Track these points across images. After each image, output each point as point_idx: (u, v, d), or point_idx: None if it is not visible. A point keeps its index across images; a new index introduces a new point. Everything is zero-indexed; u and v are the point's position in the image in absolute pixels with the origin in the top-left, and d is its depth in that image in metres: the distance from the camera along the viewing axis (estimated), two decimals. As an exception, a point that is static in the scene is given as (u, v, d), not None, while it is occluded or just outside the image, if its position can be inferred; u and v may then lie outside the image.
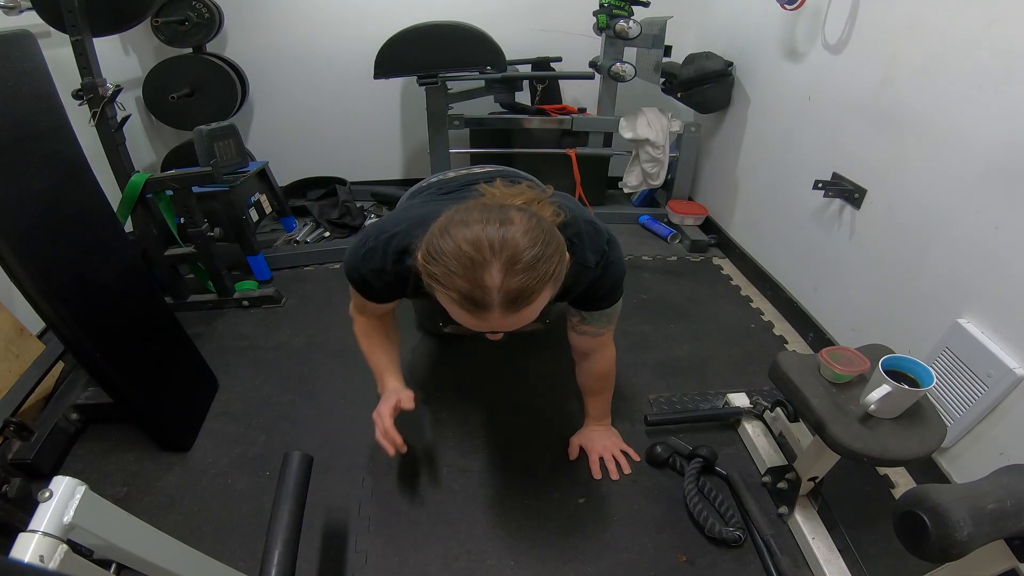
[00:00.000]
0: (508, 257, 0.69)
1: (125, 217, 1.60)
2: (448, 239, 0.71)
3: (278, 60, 2.35)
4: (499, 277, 0.68)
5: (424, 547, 1.09)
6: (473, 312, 0.72)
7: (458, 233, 0.71)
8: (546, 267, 0.71)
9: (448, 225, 0.73)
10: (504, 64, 1.95)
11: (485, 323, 0.74)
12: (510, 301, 0.70)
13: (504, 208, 0.75)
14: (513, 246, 0.69)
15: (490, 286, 0.69)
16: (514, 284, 0.69)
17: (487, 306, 0.70)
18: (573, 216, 0.92)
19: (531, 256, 0.70)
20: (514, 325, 0.76)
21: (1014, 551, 0.72)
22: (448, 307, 0.75)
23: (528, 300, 0.71)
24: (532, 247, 0.70)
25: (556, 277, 0.75)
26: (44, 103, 1.14)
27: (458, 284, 0.69)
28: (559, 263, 0.75)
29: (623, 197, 2.57)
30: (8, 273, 1.00)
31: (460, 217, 0.73)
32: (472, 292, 0.69)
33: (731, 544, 1.09)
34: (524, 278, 0.69)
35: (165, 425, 1.28)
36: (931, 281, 1.25)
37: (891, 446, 0.88)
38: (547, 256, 0.72)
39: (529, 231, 0.71)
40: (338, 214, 2.32)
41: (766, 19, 1.86)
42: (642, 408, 1.43)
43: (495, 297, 0.69)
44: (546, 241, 0.72)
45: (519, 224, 0.71)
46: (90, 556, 0.61)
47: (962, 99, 1.15)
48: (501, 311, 0.71)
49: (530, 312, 0.74)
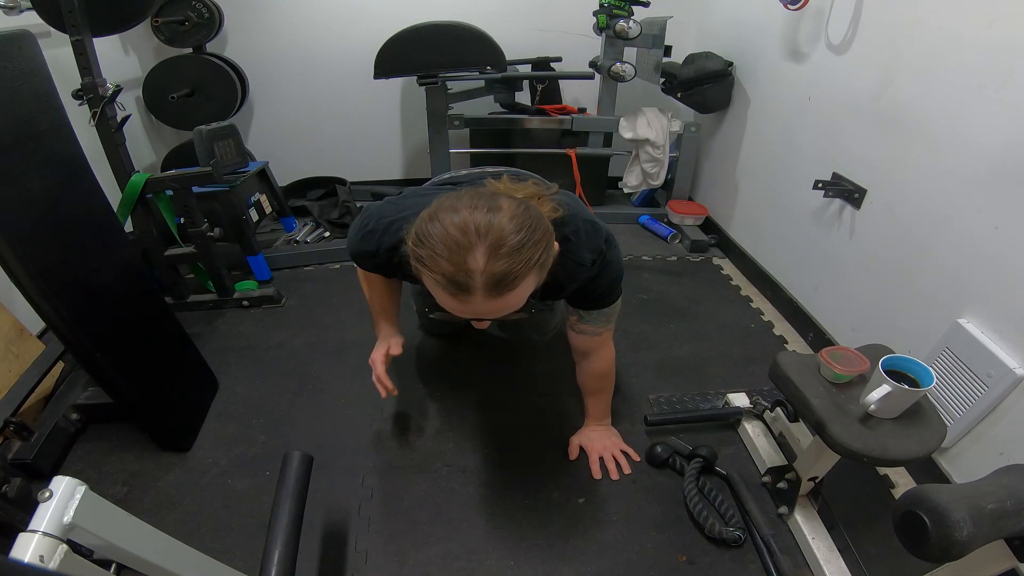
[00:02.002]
0: (493, 241, 0.70)
1: (125, 217, 1.60)
2: (436, 223, 0.72)
3: (278, 60, 2.35)
4: (483, 261, 0.69)
5: (424, 547, 1.09)
6: (456, 295, 0.73)
7: (446, 218, 0.72)
8: (531, 253, 0.72)
9: (438, 210, 0.74)
10: (504, 64, 1.95)
11: (468, 307, 0.74)
12: (493, 285, 0.71)
13: (494, 196, 0.76)
14: (499, 231, 0.70)
15: (474, 269, 0.70)
16: (498, 268, 0.70)
17: (470, 289, 0.71)
18: (572, 213, 0.92)
19: (516, 241, 0.71)
20: (498, 312, 0.76)
21: (1014, 551, 0.72)
22: (434, 291, 0.76)
23: (511, 285, 0.72)
24: (517, 232, 0.71)
25: (541, 264, 0.75)
26: (44, 103, 1.14)
27: (443, 267, 0.71)
28: (545, 251, 0.75)
29: (623, 197, 2.57)
30: (8, 273, 1.00)
31: (450, 203, 0.74)
32: (456, 275, 0.70)
33: (731, 544, 1.09)
34: (508, 262, 0.70)
35: (165, 425, 1.28)
36: (931, 281, 1.25)
37: (891, 446, 0.88)
38: (532, 242, 0.72)
39: (515, 217, 0.72)
40: (338, 214, 2.32)
41: (767, 19, 1.86)
42: (642, 408, 1.43)
43: (478, 280, 0.70)
44: (532, 227, 0.73)
45: (506, 210, 0.73)
46: (90, 556, 0.61)
47: (963, 99, 1.15)
48: (484, 295, 0.72)
49: (514, 298, 0.74)
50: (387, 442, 1.33)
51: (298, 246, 2.17)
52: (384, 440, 1.33)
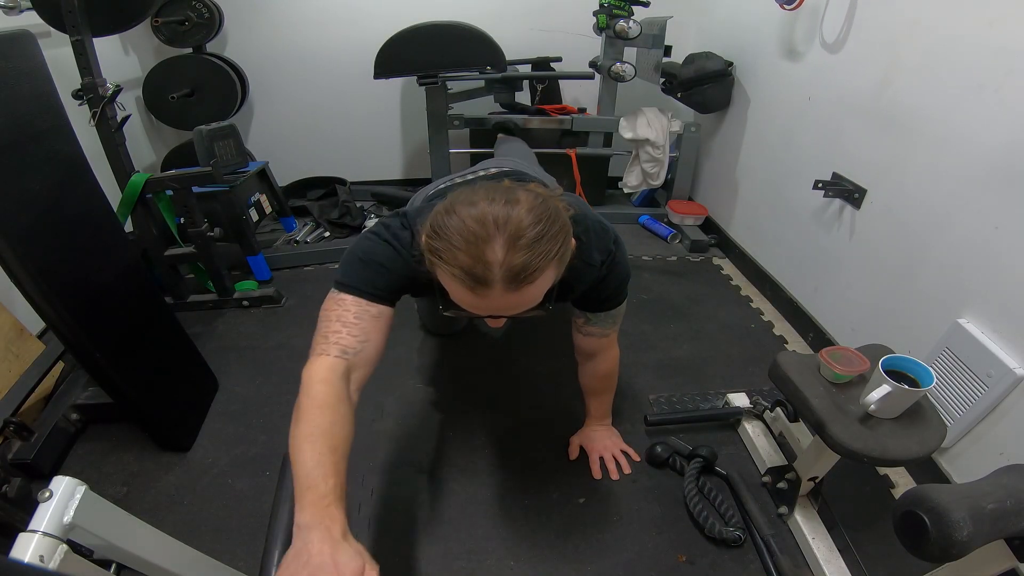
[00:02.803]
0: (512, 233, 0.68)
1: (125, 217, 1.60)
2: (454, 216, 0.71)
3: (278, 60, 2.35)
4: (501, 253, 0.68)
5: (424, 547, 1.09)
6: (474, 289, 0.71)
7: (463, 211, 0.70)
8: (550, 245, 0.71)
9: (454, 203, 0.73)
10: (504, 64, 1.95)
11: (486, 302, 0.72)
12: (512, 277, 0.69)
13: (511, 188, 0.75)
14: (517, 222, 0.69)
15: (492, 261, 0.68)
16: (517, 260, 0.68)
17: (488, 282, 0.69)
18: (582, 214, 0.91)
19: (535, 233, 0.69)
20: (516, 307, 0.75)
21: (1014, 551, 0.72)
22: (449, 286, 0.74)
23: (530, 278, 0.70)
24: (536, 224, 0.70)
25: (560, 257, 0.74)
26: (44, 103, 1.14)
27: (460, 259, 0.69)
28: (564, 243, 0.74)
29: (623, 197, 2.57)
30: (8, 273, 1.00)
31: (466, 196, 0.73)
32: (474, 267, 0.68)
33: (731, 544, 1.09)
34: (527, 255, 0.69)
35: (165, 425, 1.28)
36: (931, 281, 1.25)
37: (891, 446, 0.88)
38: (551, 235, 0.71)
39: (533, 209, 0.71)
40: (338, 214, 2.32)
41: (765, 19, 1.86)
42: (642, 408, 1.43)
43: (497, 273, 0.69)
44: (551, 219, 0.72)
45: (524, 203, 0.71)
46: (90, 556, 0.61)
47: (962, 99, 1.15)
48: (503, 288, 0.70)
49: (532, 292, 0.73)
50: (387, 442, 1.33)
51: (298, 246, 2.17)
52: (384, 440, 1.33)
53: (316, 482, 0.66)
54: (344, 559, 0.59)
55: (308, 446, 0.71)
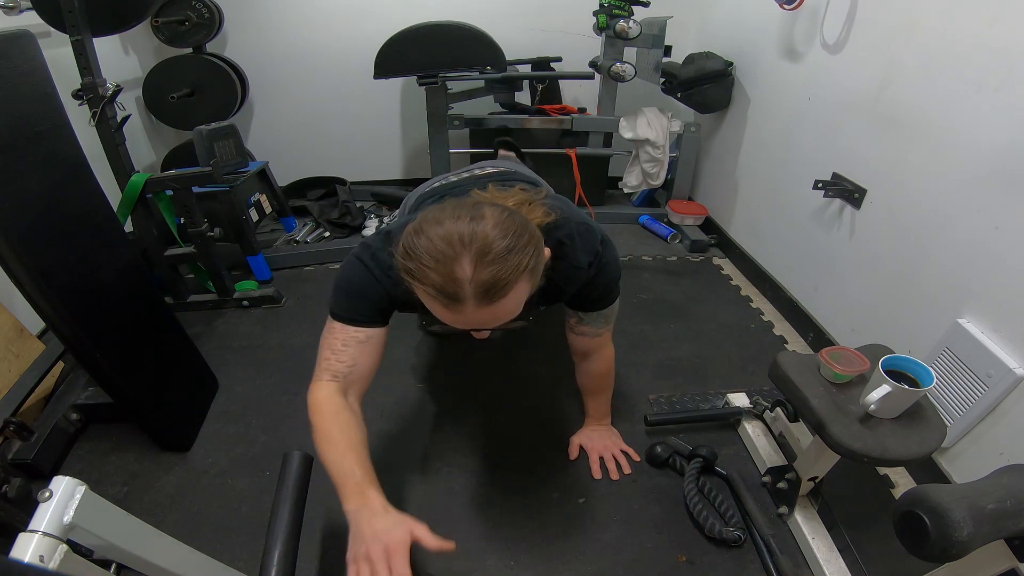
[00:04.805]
0: (478, 249, 0.70)
1: (125, 217, 1.60)
2: (422, 236, 0.72)
3: (278, 60, 2.35)
4: (470, 269, 0.69)
5: (424, 547, 1.09)
6: (448, 306, 0.72)
7: (431, 230, 0.72)
8: (518, 258, 0.72)
9: (422, 223, 0.74)
10: (504, 64, 1.94)
11: (462, 317, 0.74)
12: (483, 292, 0.70)
13: (477, 205, 0.76)
14: (483, 238, 0.70)
15: (461, 278, 0.69)
16: (485, 275, 0.69)
17: (460, 299, 0.71)
18: (565, 217, 0.92)
19: (502, 247, 0.70)
20: (493, 320, 0.76)
21: (1014, 551, 0.72)
22: (427, 303, 0.76)
23: (502, 292, 0.71)
24: (503, 238, 0.71)
25: (531, 269, 0.75)
26: (44, 103, 1.14)
27: (432, 278, 0.70)
28: (534, 255, 0.75)
29: (623, 197, 2.57)
30: (8, 273, 1.00)
31: (433, 215, 0.74)
32: (445, 285, 0.70)
33: (731, 544, 1.09)
34: (495, 269, 0.70)
35: (165, 425, 1.28)
36: (931, 281, 1.25)
37: (891, 446, 0.88)
38: (519, 247, 0.72)
39: (499, 223, 0.72)
40: (338, 214, 2.32)
41: (765, 19, 1.86)
42: (642, 408, 1.43)
43: (468, 289, 0.70)
44: (518, 233, 0.73)
45: (490, 218, 0.73)
46: (90, 556, 0.61)
47: (962, 99, 1.15)
48: (475, 303, 0.71)
49: (507, 305, 0.74)
50: (387, 442, 1.33)
51: (298, 246, 2.17)
52: (384, 440, 1.33)
53: (347, 475, 0.81)
54: (388, 527, 0.77)
55: (331, 449, 0.85)
